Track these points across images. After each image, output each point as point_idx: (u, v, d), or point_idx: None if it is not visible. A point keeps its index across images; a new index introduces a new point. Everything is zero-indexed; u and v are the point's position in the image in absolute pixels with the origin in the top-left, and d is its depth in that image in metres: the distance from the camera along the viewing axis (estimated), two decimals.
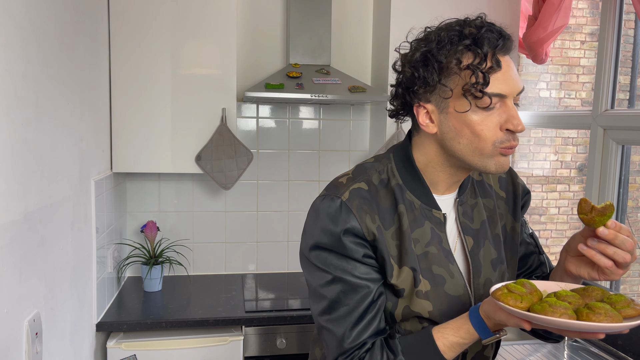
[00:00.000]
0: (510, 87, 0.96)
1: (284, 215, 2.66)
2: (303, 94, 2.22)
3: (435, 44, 0.97)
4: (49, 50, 1.46)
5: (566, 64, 3.83)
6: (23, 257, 1.26)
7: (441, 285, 1.04)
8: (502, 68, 0.95)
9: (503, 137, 0.97)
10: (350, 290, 1.01)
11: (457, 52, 0.95)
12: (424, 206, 1.06)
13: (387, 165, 1.08)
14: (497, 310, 0.93)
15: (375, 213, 1.03)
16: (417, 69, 0.98)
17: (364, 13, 2.63)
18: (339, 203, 1.02)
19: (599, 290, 0.95)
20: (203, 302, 2.22)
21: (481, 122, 0.96)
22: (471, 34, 0.96)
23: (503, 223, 1.15)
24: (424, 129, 1.02)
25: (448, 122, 0.99)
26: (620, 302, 0.89)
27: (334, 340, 1.03)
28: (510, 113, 0.96)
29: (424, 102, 1.00)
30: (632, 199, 3.55)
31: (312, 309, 1.08)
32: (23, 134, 1.26)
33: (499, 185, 1.17)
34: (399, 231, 1.03)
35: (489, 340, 0.97)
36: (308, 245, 1.05)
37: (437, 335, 1.00)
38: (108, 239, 2.13)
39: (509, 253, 1.15)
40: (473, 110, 0.96)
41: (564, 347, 1.84)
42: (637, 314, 0.88)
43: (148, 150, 2.24)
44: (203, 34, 2.23)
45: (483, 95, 0.93)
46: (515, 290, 0.91)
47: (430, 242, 1.05)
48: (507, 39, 0.97)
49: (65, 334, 1.59)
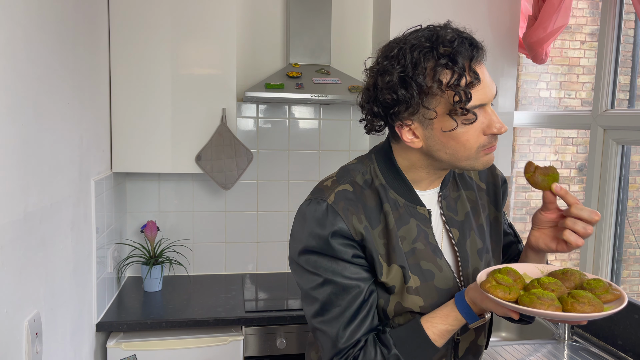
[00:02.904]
0: (488, 95, 0.97)
1: (284, 215, 2.66)
2: (303, 94, 2.22)
3: (411, 65, 0.95)
4: (49, 50, 1.46)
5: (566, 64, 3.83)
6: (23, 257, 1.26)
7: (430, 279, 1.07)
8: (480, 81, 0.95)
9: (486, 141, 1.00)
10: (341, 291, 1.03)
11: (436, 73, 0.94)
12: (408, 204, 1.08)
13: (370, 166, 1.10)
14: (484, 299, 0.97)
15: (362, 213, 1.04)
16: (396, 92, 0.96)
17: (364, 13, 2.63)
18: (325, 206, 1.03)
19: (577, 273, 1.01)
20: (203, 302, 2.22)
21: (466, 133, 0.98)
22: (445, 52, 0.94)
23: (486, 213, 1.18)
24: (409, 144, 1.02)
25: (433, 137, 1.00)
26: (599, 288, 0.96)
27: (328, 341, 1.05)
28: (491, 118, 0.99)
29: (406, 121, 1.00)
30: (632, 199, 3.55)
31: (305, 312, 1.09)
32: (23, 134, 1.26)
33: (479, 178, 1.21)
34: (386, 230, 1.05)
35: (475, 324, 1.02)
36: (297, 250, 1.07)
37: (426, 325, 1.03)
38: (108, 239, 2.13)
39: (494, 242, 1.19)
40: (459, 127, 0.97)
41: (564, 347, 1.84)
42: (616, 298, 0.96)
43: (148, 150, 2.24)
44: (203, 34, 2.23)
45: (468, 112, 0.94)
46: (502, 281, 0.95)
47: (417, 239, 1.07)
48: (479, 48, 0.97)
49: (65, 334, 1.59)
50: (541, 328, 2.05)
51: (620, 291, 0.97)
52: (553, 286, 0.96)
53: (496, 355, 1.77)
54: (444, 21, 1.02)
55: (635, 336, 1.70)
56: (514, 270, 1.00)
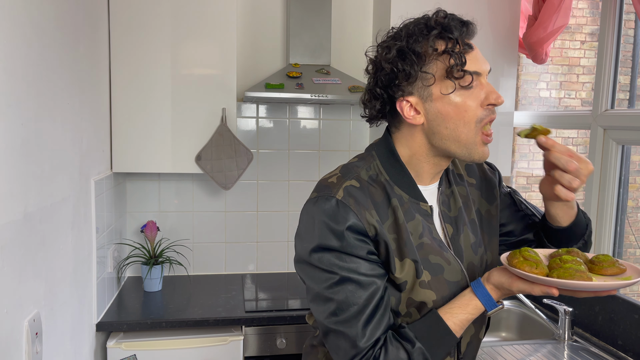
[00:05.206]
0: (482, 66, 1.03)
1: (284, 215, 2.66)
2: (303, 94, 2.22)
3: (407, 38, 1.02)
4: (49, 50, 1.46)
5: (566, 64, 3.83)
6: (23, 257, 1.26)
7: (440, 273, 1.07)
8: (473, 49, 1.03)
9: (484, 114, 1.03)
10: (358, 288, 1.00)
11: (430, 41, 1.01)
12: (412, 199, 1.09)
13: (372, 162, 1.11)
14: (514, 281, 0.98)
15: (372, 208, 1.03)
16: (396, 64, 1.02)
17: (364, 13, 2.63)
18: (335, 202, 1.02)
19: (580, 252, 1.05)
20: (203, 302, 2.22)
21: (464, 102, 1.01)
22: (438, 23, 1.02)
23: (477, 208, 1.20)
24: (411, 121, 1.05)
25: (433, 109, 1.03)
26: (607, 262, 1.00)
27: (347, 342, 1.01)
28: (488, 89, 1.03)
29: (407, 95, 1.04)
30: (632, 199, 3.55)
31: (317, 313, 1.05)
32: (23, 134, 1.26)
33: (467, 174, 1.22)
34: (395, 224, 1.05)
35: (493, 311, 1.02)
36: (308, 249, 1.04)
37: (445, 316, 1.03)
38: (108, 239, 2.13)
39: (487, 236, 1.19)
40: (457, 90, 1.01)
41: (564, 347, 1.84)
42: (622, 272, 0.99)
43: (148, 150, 2.24)
44: (203, 34, 2.23)
45: (464, 74, 0.99)
46: (530, 257, 0.97)
47: (423, 234, 1.08)
48: (469, 24, 1.04)
49: (65, 334, 1.59)
50: (541, 328, 2.05)
51: (625, 265, 1.00)
52: (576, 262, 0.97)
53: (496, 355, 1.78)
54: None
55: (635, 336, 1.70)
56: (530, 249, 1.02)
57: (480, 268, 1.16)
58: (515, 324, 2.22)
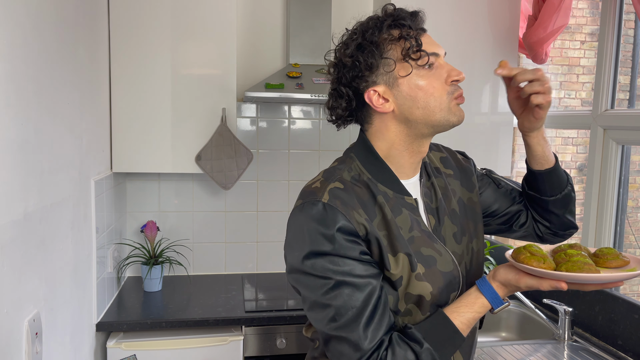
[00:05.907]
0: (437, 48, 1.07)
1: (284, 215, 2.65)
2: (303, 94, 2.22)
3: (362, 33, 1.07)
4: (49, 50, 1.46)
5: (566, 64, 3.83)
6: (23, 257, 1.26)
7: (434, 264, 1.07)
8: (425, 32, 1.08)
9: (450, 89, 1.06)
10: (355, 291, 0.99)
11: (385, 31, 1.05)
12: (397, 195, 1.09)
13: (352, 163, 1.12)
14: (522, 277, 0.98)
15: (359, 207, 1.03)
16: (357, 57, 1.06)
17: (364, 13, 2.62)
18: (322, 205, 1.01)
19: (583, 247, 1.05)
20: (203, 302, 2.22)
21: (430, 83, 1.05)
22: (389, 15, 1.07)
23: (457, 197, 1.20)
24: (381, 110, 1.07)
25: (401, 93, 1.05)
26: (611, 254, 1.01)
27: (349, 346, 1.00)
28: (448, 67, 1.07)
29: (372, 85, 1.06)
30: (632, 199, 3.54)
31: (316, 322, 1.04)
32: (23, 134, 1.26)
33: (443, 166, 1.23)
34: (384, 221, 1.05)
35: (500, 309, 1.02)
36: (300, 257, 1.02)
37: (452, 315, 1.02)
38: (108, 239, 2.13)
39: (472, 223, 1.20)
40: (416, 71, 1.04)
41: (564, 347, 1.84)
42: (626, 264, 1.00)
43: (148, 150, 2.24)
44: (203, 34, 2.23)
45: (420, 54, 1.03)
46: (537, 252, 0.97)
47: (412, 227, 1.08)
48: (418, 12, 1.09)
49: (65, 334, 1.59)
50: (541, 328, 2.05)
51: (628, 257, 1.01)
52: (581, 255, 0.97)
53: (496, 355, 1.77)
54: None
55: (635, 336, 1.70)
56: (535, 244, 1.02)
57: (467, 257, 1.16)
58: (515, 324, 2.22)
